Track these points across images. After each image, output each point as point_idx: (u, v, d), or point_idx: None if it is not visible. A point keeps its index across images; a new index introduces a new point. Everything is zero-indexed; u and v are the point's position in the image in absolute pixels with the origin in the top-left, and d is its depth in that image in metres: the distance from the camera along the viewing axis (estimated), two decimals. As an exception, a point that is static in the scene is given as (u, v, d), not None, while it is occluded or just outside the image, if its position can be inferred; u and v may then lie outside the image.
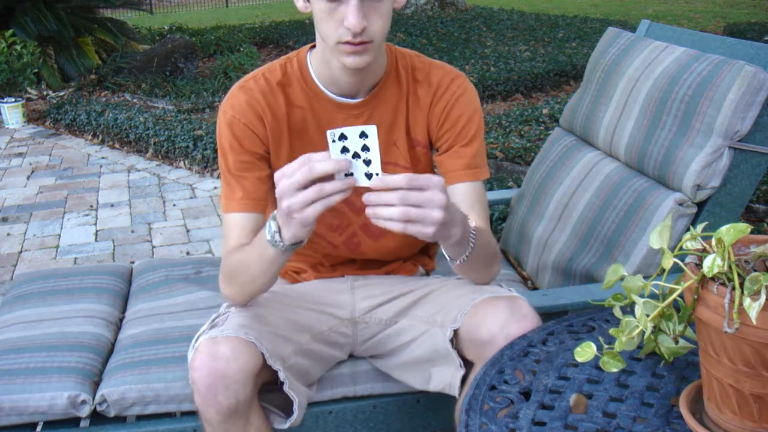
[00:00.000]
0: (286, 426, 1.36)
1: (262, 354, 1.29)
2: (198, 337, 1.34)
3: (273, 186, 1.44)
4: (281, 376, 1.31)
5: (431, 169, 1.53)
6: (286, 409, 1.38)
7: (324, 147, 1.43)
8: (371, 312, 1.52)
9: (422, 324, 1.46)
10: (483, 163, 1.46)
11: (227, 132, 1.39)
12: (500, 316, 1.30)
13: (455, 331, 1.37)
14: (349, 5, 1.23)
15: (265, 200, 1.41)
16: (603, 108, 1.91)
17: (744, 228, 0.85)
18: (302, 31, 8.75)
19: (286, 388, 1.32)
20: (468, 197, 1.43)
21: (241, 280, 1.35)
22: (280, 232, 1.20)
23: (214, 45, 7.66)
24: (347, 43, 1.25)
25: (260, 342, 1.30)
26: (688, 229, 1.42)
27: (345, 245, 1.52)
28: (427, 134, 1.47)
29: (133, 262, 2.22)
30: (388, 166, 1.46)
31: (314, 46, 1.42)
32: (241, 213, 1.38)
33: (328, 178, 1.10)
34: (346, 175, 1.10)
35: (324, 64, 1.38)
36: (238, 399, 1.26)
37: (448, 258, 1.33)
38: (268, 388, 1.38)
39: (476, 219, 1.42)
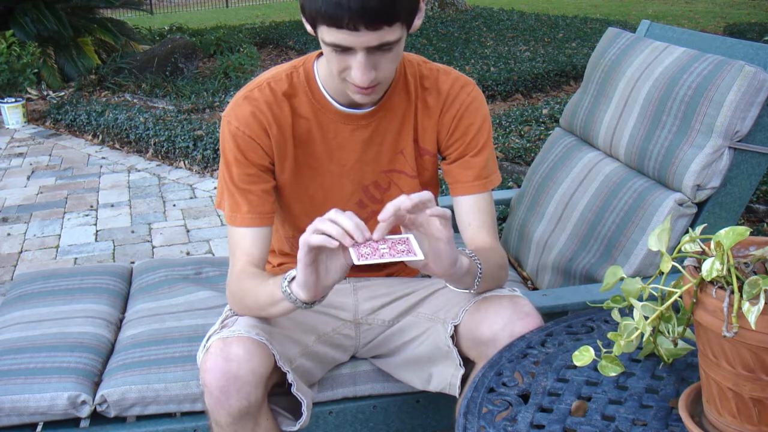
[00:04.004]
0: (296, 428, 1.35)
1: (273, 355, 1.29)
2: (209, 338, 1.34)
3: (277, 197, 1.44)
4: (289, 378, 1.31)
5: (437, 177, 1.53)
6: (292, 410, 1.37)
7: (327, 159, 1.43)
8: (374, 313, 1.52)
9: (425, 321, 1.46)
10: (493, 171, 1.46)
11: (231, 144, 1.36)
12: (503, 314, 1.30)
13: (457, 330, 1.37)
14: (355, 58, 1.20)
15: (271, 213, 1.39)
16: (603, 108, 1.91)
17: (743, 231, 0.85)
18: (302, 31, 8.75)
19: (294, 389, 1.32)
20: (477, 209, 1.42)
21: (248, 303, 1.35)
22: (291, 282, 1.20)
23: (214, 45, 7.65)
24: (354, 84, 1.24)
25: (271, 343, 1.29)
26: (687, 230, 1.42)
27: None
28: (436, 142, 1.46)
29: (133, 263, 2.22)
30: (393, 174, 1.46)
31: (322, 53, 1.39)
32: (247, 228, 1.37)
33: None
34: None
35: (332, 75, 1.35)
36: (249, 401, 1.25)
37: (464, 290, 1.35)
38: (273, 390, 1.37)
39: (485, 232, 1.42)
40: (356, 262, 1.09)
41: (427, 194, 1.11)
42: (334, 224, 1.09)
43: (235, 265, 1.37)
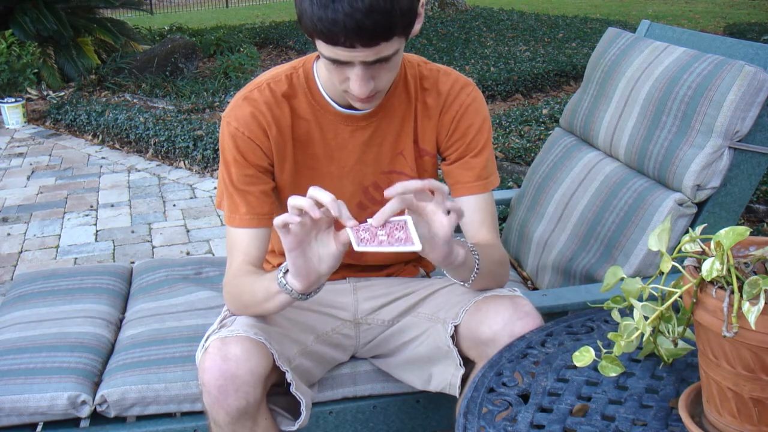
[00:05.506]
0: (295, 428, 1.35)
1: (272, 354, 1.29)
2: (207, 337, 1.34)
3: (277, 198, 1.45)
4: (288, 377, 1.31)
5: (437, 178, 1.53)
6: (291, 410, 1.37)
7: (327, 160, 1.43)
8: (374, 313, 1.52)
9: (425, 321, 1.46)
10: (492, 171, 1.46)
11: (231, 145, 1.36)
12: (503, 314, 1.30)
13: (457, 330, 1.37)
14: (353, 71, 1.20)
15: (269, 214, 1.39)
16: (603, 108, 1.91)
17: (743, 231, 0.85)
18: (302, 32, 8.74)
19: (293, 389, 1.32)
20: (478, 210, 1.42)
21: (244, 300, 1.35)
22: (286, 273, 1.21)
23: (214, 45, 7.65)
24: (354, 94, 1.25)
25: (270, 343, 1.29)
26: (687, 230, 1.42)
27: (348, 254, 1.51)
28: (436, 143, 1.46)
29: (133, 263, 2.22)
30: (393, 175, 1.46)
31: None
32: (245, 229, 1.37)
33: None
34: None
35: (332, 81, 1.35)
36: (248, 401, 1.25)
37: (460, 282, 1.35)
38: (272, 390, 1.37)
39: (486, 231, 1.42)
40: (356, 248, 1.08)
41: (445, 187, 1.12)
42: (307, 198, 1.09)
43: (232, 264, 1.38)
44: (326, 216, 1.12)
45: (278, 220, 1.10)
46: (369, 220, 1.10)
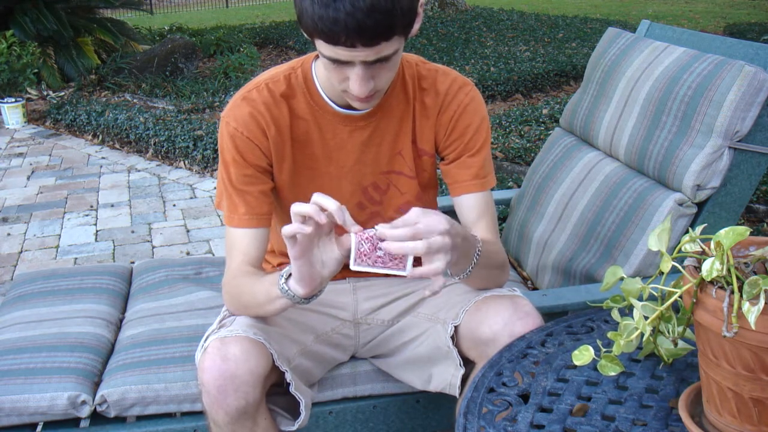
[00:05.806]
0: (294, 428, 1.35)
1: (271, 354, 1.29)
2: (207, 337, 1.34)
3: (276, 198, 1.45)
4: (288, 377, 1.31)
5: (436, 177, 1.53)
6: (291, 410, 1.37)
7: (326, 160, 1.43)
8: (373, 313, 1.52)
9: (425, 321, 1.46)
10: (490, 172, 1.46)
11: (230, 144, 1.36)
12: (503, 314, 1.30)
13: (457, 330, 1.37)
14: (353, 71, 1.20)
15: (268, 214, 1.39)
16: (603, 108, 1.91)
17: (743, 231, 0.85)
18: (302, 31, 8.73)
19: (292, 389, 1.32)
20: (476, 208, 1.42)
21: (244, 301, 1.35)
22: (288, 279, 1.21)
23: (214, 45, 7.66)
24: (353, 94, 1.25)
25: (269, 343, 1.30)
26: (687, 230, 1.42)
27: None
28: (434, 143, 1.46)
29: (133, 263, 2.22)
30: (392, 175, 1.46)
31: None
32: (244, 229, 1.37)
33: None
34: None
35: (330, 81, 1.34)
36: (247, 401, 1.25)
37: (449, 274, 1.34)
38: (272, 390, 1.37)
39: (484, 230, 1.41)
40: (352, 266, 1.11)
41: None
42: (311, 205, 1.10)
43: (231, 264, 1.38)
44: (329, 221, 1.12)
45: (287, 230, 1.10)
46: (377, 227, 1.10)
